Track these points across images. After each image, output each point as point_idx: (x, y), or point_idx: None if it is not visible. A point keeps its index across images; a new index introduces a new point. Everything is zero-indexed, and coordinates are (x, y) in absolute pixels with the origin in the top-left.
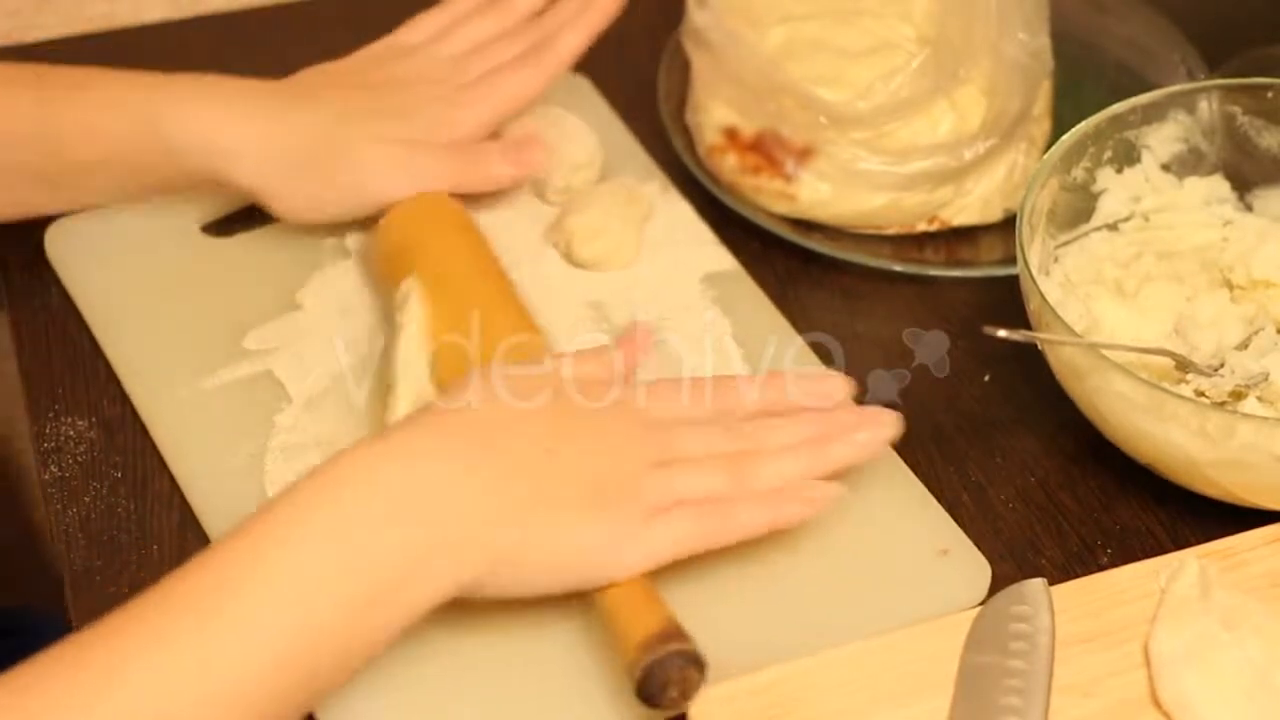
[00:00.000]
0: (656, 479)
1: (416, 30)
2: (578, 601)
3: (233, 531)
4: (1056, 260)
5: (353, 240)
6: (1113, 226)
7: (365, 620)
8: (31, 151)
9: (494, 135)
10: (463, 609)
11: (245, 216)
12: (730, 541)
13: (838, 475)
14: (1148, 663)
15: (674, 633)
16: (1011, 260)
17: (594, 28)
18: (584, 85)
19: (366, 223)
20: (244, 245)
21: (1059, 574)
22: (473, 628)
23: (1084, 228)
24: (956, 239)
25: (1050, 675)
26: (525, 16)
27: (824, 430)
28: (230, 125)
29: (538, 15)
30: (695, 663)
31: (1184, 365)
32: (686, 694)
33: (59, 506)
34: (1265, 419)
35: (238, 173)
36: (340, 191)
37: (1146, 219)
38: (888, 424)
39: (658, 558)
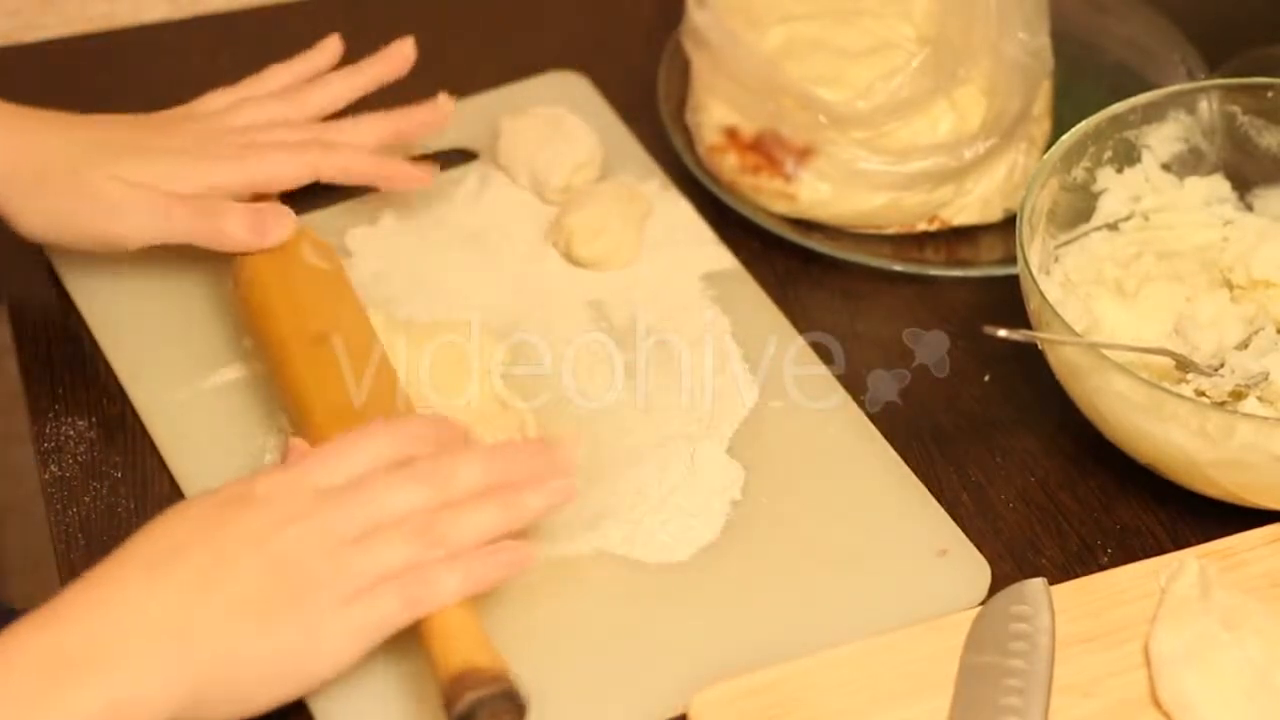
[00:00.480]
0: (348, 560)
1: (209, 101)
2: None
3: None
4: (1056, 260)
5: (353, 240)
6: (1113, 226)
7: None
8: None
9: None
10: None
11: None
12: (433, 610)
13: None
14: (1148, 663)
15: (486, 674)
16: (1011, 260)
17: (370, 138)
18: (584, 85)
19: (365, 221)
20: None
21: (1059, 574)
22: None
23: (1084, 227)
24: (956, 239)
25: (1050, 675)
26: (313, 114)
27: (512, 472)
28: None
29: (327, 118)
30: (511, 702)
31: (1184, 365)
32: None
33: (59, 506)
34: (1265, 419)
35: None
36: (75, 221)
37: (1146, 219)
38: (567, 470)
39: (364, 642)
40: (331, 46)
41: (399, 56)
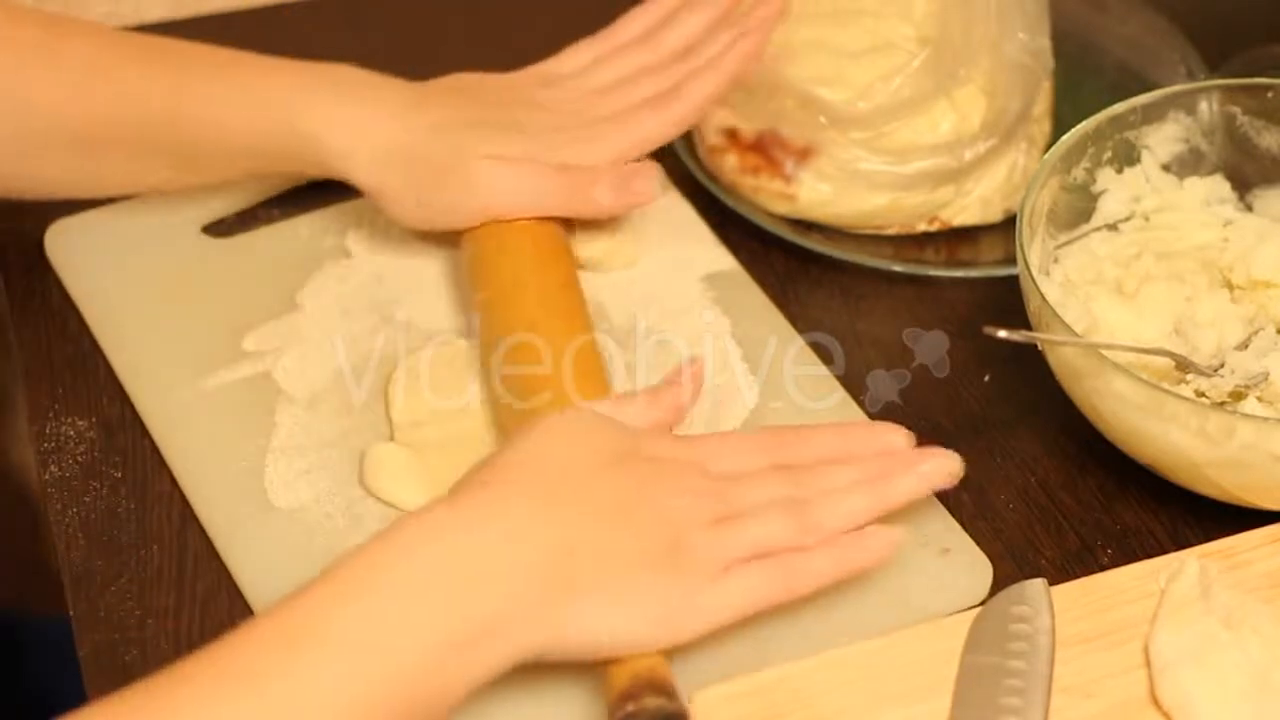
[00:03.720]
0: (723, 534)
1: (568, 61)
2: None
3: (291, 595)
4: (1056, 260)
5: (353, 240)
6: (1113, 226)
7: (425, 687)
8: (162, 134)
9: None
10: None
11: (245, 217)
12: (802, 594)
13: (898, 512)
14: (1148, 663)
15: (659, 685)
16: (1011, 260)
17: (730, 74)
18: None
19: (365, 222)
20: (244, 245)
21: (1059, 574)
22: None
23: (1084, 228)
24: (956, 239)
25: (1050, 675)
26: (673, 54)
27: (884, 469)
28: (356, 124)
29: (684, 52)
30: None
31: (1184, 365)
32: None
33: (59, 506)
34: (1265, 419)
35: (355, 171)
36: (449, 199)
37: (1146, 219)
38: (949, 457)
39: (728, 616)
40: None
41: None
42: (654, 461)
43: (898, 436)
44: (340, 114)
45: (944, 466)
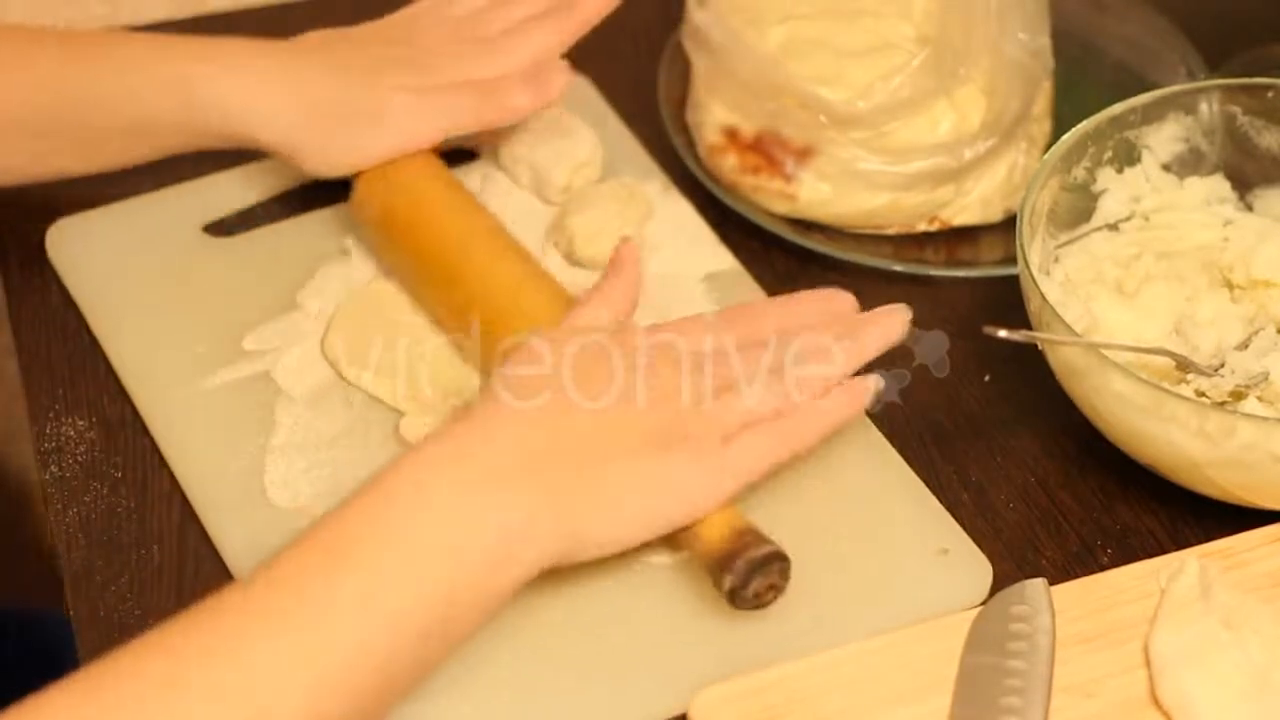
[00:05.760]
0: (721, 405)
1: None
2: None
3: (332, 513)
4: (1057, 260)
5: (353, 240)
6: (1113, 226)
7: (488, 580)
8: (58, 117)
9: None
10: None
11: (245, 217)
12: (808, 446)
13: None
14: (1148, 663)
15: (755, 535)
16: (1011, 260)
17: None
18: (584, 85)
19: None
20: (244, 245)
21: (1059, 574)
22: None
23: (1084, 228)
24: (956, 239)
25: (1050, 675)
26: None
27: (848, 328)
28: (251, 85)
29: None
30: (781, 560)
31: (1184, 365)
32: (779, 591)
33: (59, 506)
34: (1265, 419)
35: (259, 130)
36: (360, 139)
37: (1147, 219)
38: (900, 309)
39: (748, 477)
40: None
41: None
42: (633, 353)
43: (844, 301)
44: (233, 79)
45: (900, 317)
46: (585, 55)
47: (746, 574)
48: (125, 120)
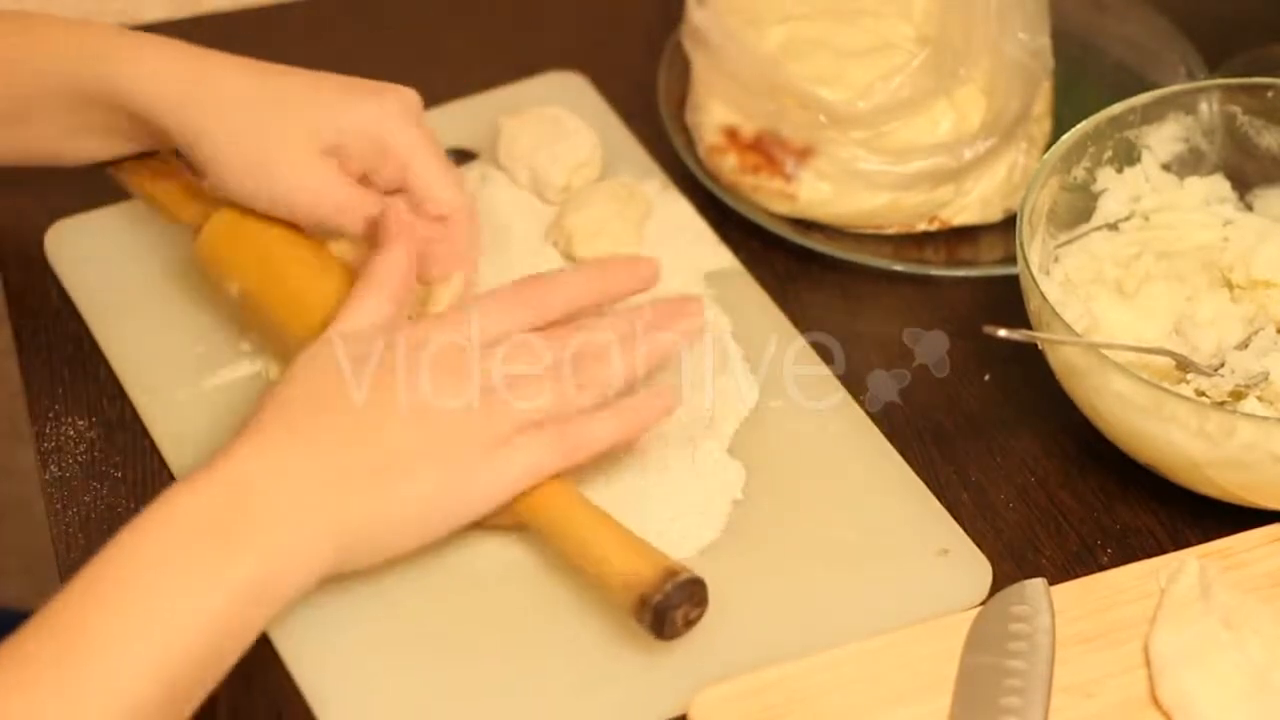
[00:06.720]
0: (491, 412)
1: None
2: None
3: (74, 582)
4: (1056, 260)
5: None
6: (1113, 226)
7: (236, 623)
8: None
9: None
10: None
11: None
12: (586, 457)
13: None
14: (1148, 663)
15: (668, 570)
16: (1011, 260)
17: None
18: (584, 85)
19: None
20: None
21: (1059, 574)
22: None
23: (1084, 227)
24: (956, 239)
25: (1050, 675)
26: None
27: (647, 324)
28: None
29: None
30: (699, 588)
31: (1184, 365)
32: (694, 620)
33: (59, 506)
34: (1265, 419)
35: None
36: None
37: (1147, 219)
38: (695, 311)
39: (510, 487)
40: None
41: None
42: (412, 352)
43: (648, 268)
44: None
45: (695, 324)
46: (585, 55)
47: (661, 614)
48: (39, 101)
